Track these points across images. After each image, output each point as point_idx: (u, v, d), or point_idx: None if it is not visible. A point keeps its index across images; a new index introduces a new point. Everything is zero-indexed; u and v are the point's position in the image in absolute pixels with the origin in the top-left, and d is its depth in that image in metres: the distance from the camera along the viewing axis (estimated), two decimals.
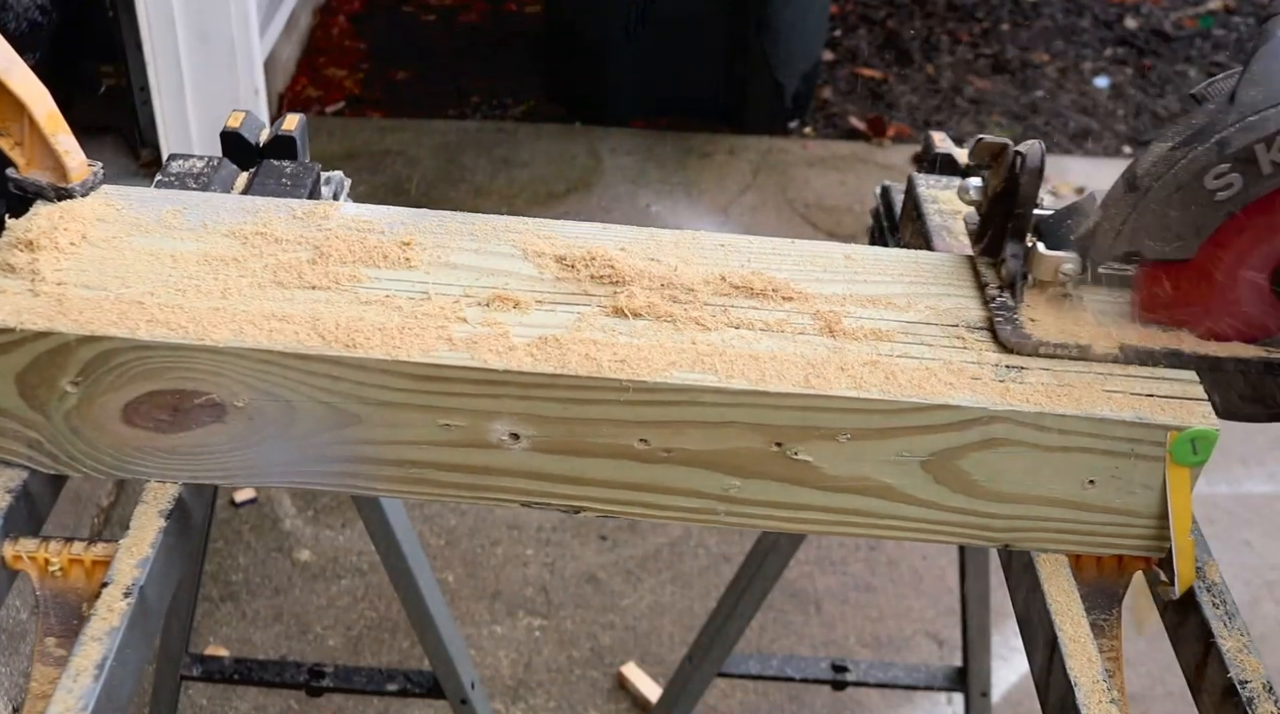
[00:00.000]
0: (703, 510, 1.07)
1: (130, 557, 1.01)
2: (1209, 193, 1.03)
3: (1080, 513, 1.05)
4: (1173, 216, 1.04)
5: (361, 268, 1.09)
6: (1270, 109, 1.00)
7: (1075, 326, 1.09)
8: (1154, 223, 1.05)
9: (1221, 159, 1.01)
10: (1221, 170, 1.01)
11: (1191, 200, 1.03)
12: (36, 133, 1.09)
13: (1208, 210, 1.04)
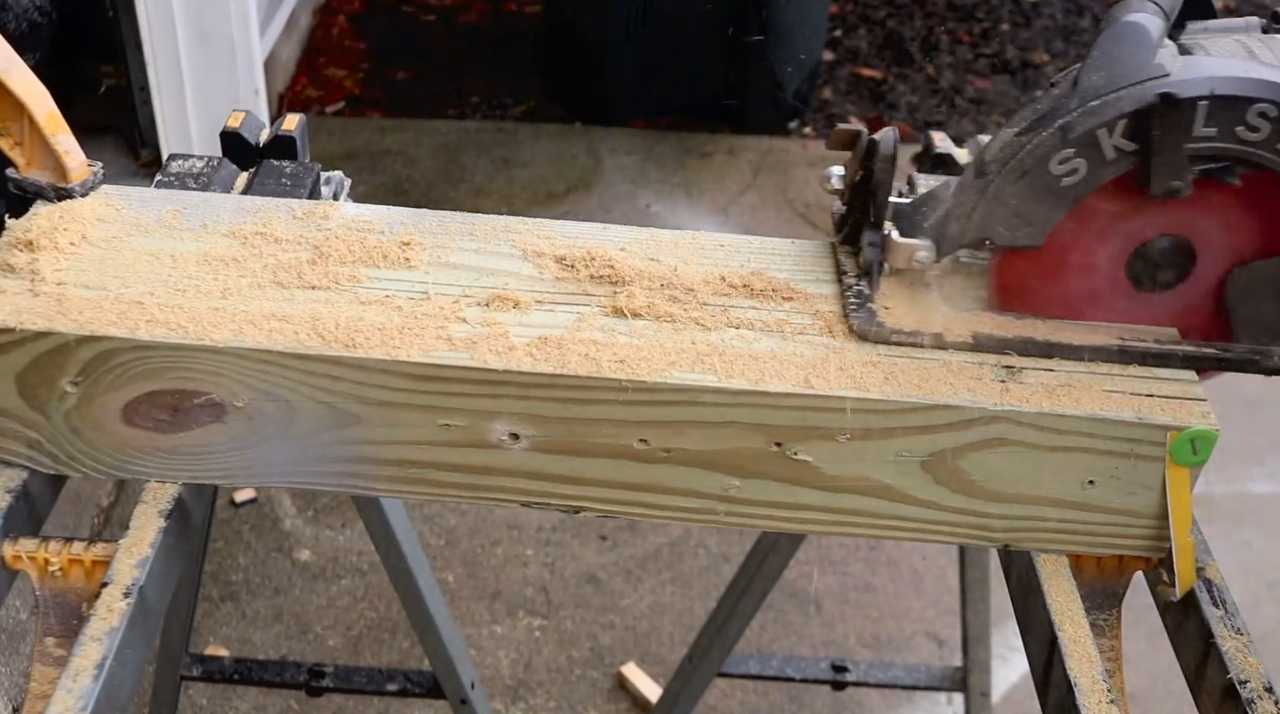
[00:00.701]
0: (702, 510, 1.07)
1: (130, 557, 1.01)
2: (1055, 178, 1.02)
3: (1080, 513, 1.05)
4: (1020, 203, 1.03)
5: (361, 268, 1.09)
6: (1112, 94, 0.99)
7: (928, 315, 1.08)
8: (1002, 210, 1.04)
9: (1065, 144, 1.00)
10: (1066, 156, 1.00)
11: (1038, 187, 1.02)
12: (36, 133, 1.09)
13: (1055, 196, 1.02)
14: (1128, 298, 1.09)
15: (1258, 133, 0.98)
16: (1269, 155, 0.99)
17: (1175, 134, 0.98)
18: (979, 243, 1.06)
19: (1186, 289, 1.09)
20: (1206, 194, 1.03)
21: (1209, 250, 1.06)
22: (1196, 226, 1.05)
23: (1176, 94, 0.97)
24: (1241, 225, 1.05)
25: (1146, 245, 1.07)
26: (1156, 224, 1.05)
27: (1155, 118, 0.98)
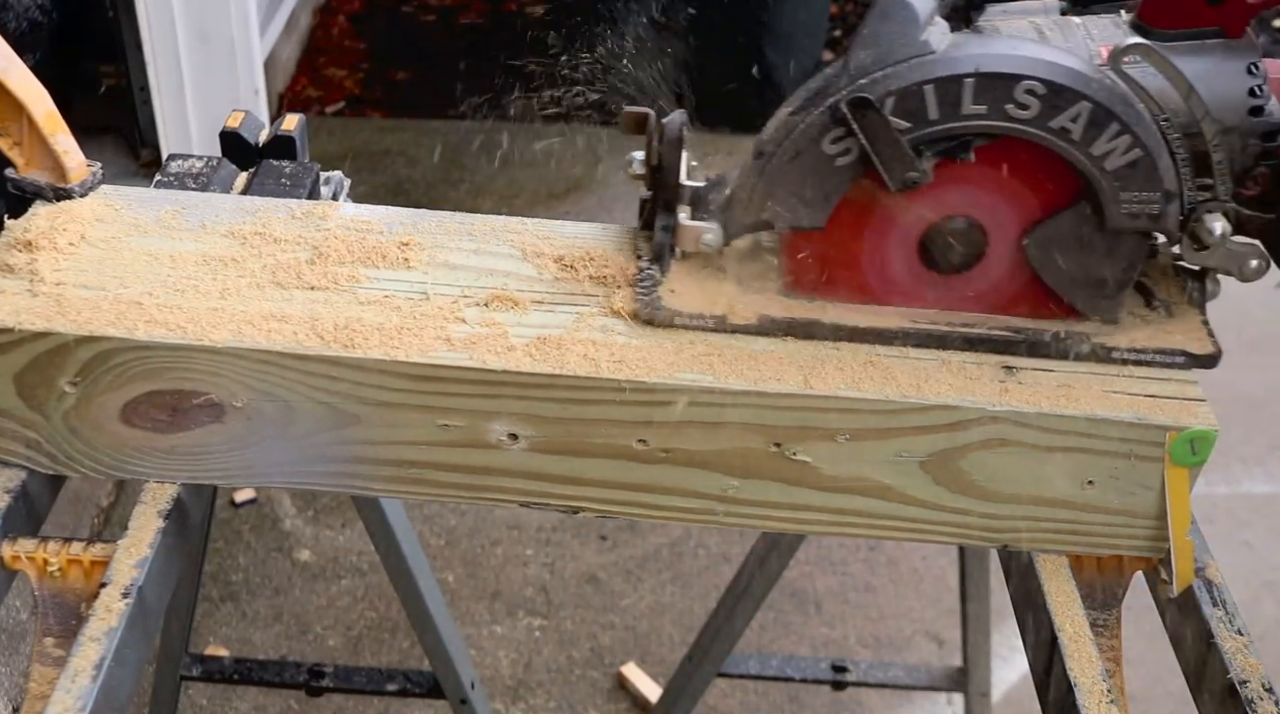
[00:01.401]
0: (701, 511, 1.07)
1: (129, 557, 1.01)
2: (828, 158, 1.00)
3: (1079, 513, 1.05)
4: (797, 184, 1.02)
5: (360, 268, 1.09)
6: (880, 72, 0.98)
7: (714, 298, 1.07)
8: (781, 191, 1.02)
9: (835, 123, 0.99)
10: (837, 135, 0.99)
11: (813, 167, 1.01)
12: (35, 133, 1.09)
13: (831, 176, 1.01)
14: (928, 281, 1.08)
15: (1027, 110, 0.97)
16: (1040, 133, 0.98)
17: (885, 129, 0.97)
18: (762, 225, 1.05)
19: (990, 267, 1.07)
20: (975, 170, 1.02)
21: (996, 225, 1.05)
22: (976, 203, 1.04)
23: (867, 94, 0.96)
24: (1018, 194, 1.03)
25: (936, 226, 1.05)
26: (937, 204, 1.04)
27: (855, 120, 0.97)
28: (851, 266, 1.07)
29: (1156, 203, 1.01)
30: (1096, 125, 0.97)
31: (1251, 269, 1.05)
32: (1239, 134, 1.02)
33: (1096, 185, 1.00)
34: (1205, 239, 1.03)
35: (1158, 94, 0.99)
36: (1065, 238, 1.04)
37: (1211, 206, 1.03)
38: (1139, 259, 1.06)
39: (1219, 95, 1.00)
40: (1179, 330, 1.08)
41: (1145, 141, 0.98)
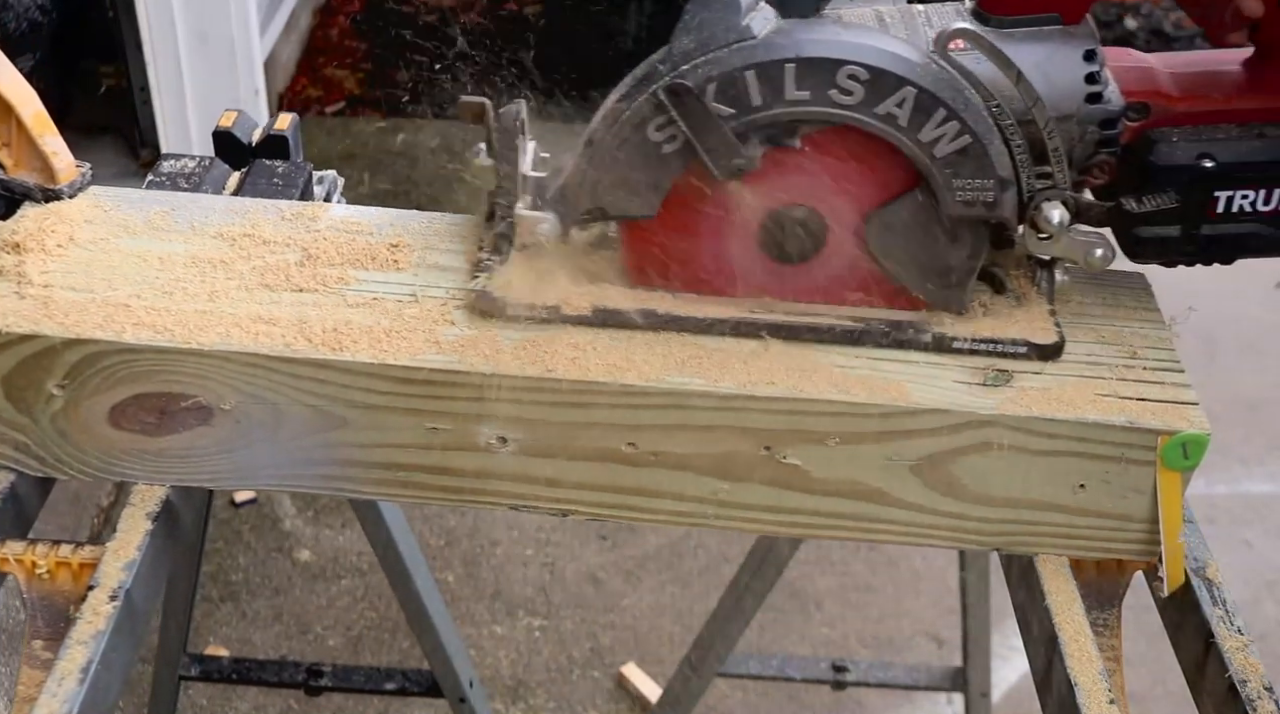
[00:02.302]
0: (692, 514, 1.07)
1: (117, 560, 1.01)
2: (654, 146, 0.99)
3: (1072, 517, 1.05)
4: (626, 173, 1.00)
5: (349, 270, 1.09)
6: (702, 58, 0.96)
7: (549, 289, 1.06)
8: (610, 179, 1.01)
9: (657, 111, 0.98)
10: (661, 122, 0.98)
11: (641, 155, 0.99)
12: (24, 133, 1.09)
13: (659, 165, 1.00)
14: (771, 271, 1.06)
15: (851, 96, 0.96)
16: (866, 119, 0.97)
17: (706, 116, 0.96)
18: (595, 214, 1.03)
19: (832, 256, 1.06)
20: (808, 157, 1.01)
21: (834, 214, 1.04)
22: (812, 191, 1.03)
23: (687, 81, 0.95)
24: (853, 181, 1.02)
25: (773, 215, 1.04)
26: (772, 192, 1.03)
27: (675, 107, 0.96)
28: (690, 256, 1.06)
29: (991, 190, 1.00)
30: (923, 111, 0.96)
31: (1097, 258, 1.05)
32: (1077, 122, 1.01)
33: (928, 172, 0.99)
34: (1044, 228, 1.02)
35: (991, 81, 0.98)
36: (903, 226, 1.03)
37: (1050, 195, 1.02)
38: (982, 248, 1.04)
39: (1055, 82, 1.00)
40: (1025, 320, 1.07)
41: (974, 128, 0.97)
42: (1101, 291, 1.14)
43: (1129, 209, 1.05)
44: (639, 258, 1.06)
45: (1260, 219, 1.05)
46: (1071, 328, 1.09)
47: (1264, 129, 1.04)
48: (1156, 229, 1.05)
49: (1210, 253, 1.08)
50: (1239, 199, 1.04)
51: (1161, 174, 1.03)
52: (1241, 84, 1.06)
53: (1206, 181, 1.03)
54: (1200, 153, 1.03)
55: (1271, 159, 1.04)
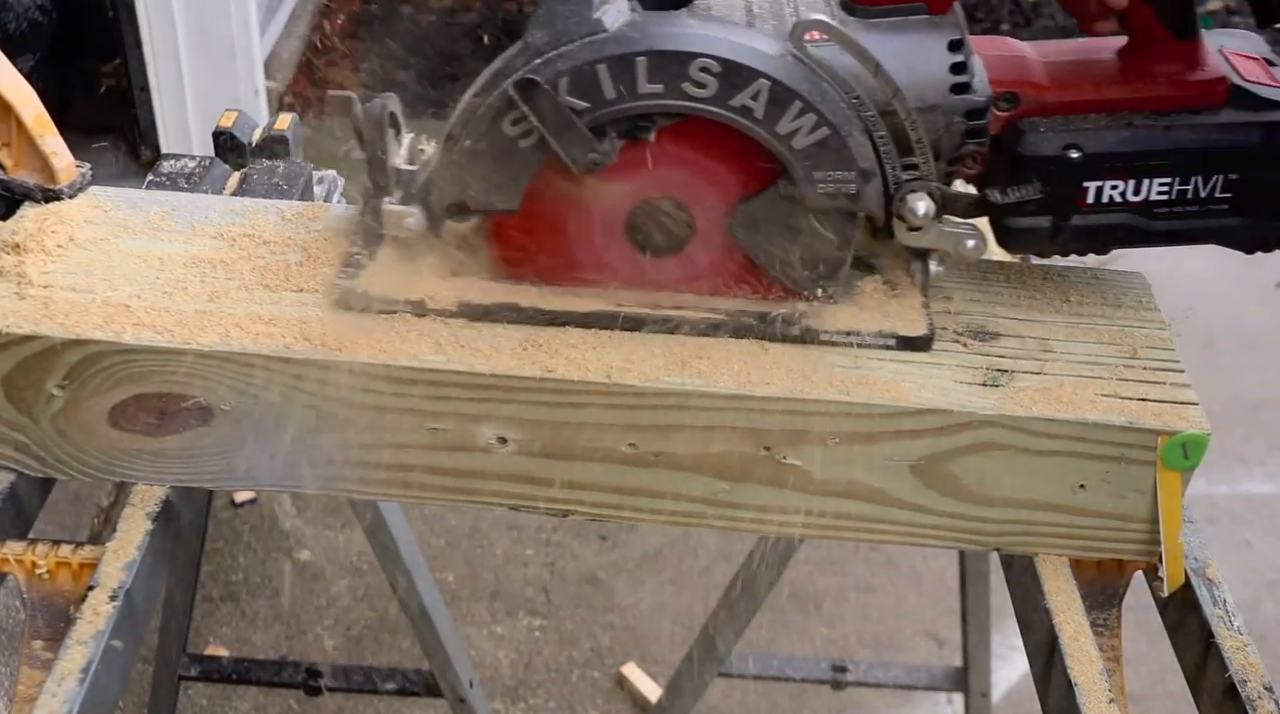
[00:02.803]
0: (691, 514, 1.07)
1: (117, 560, 1.01)
2: (512, 140, 0.99)
3: (1072, 517, 1.05)
4: (485, 167, 1.00)
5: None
6: (554, 52, 0.96)
7: (414, 282, 1.05)
8: (471, 173, 1.01)
9: (511, 105, 0.97)
10: (516, 117, 0.97)
11: (498, 149, 0.99)
12: (24, 134, 1.09)
13: (517, 158, 1.00)
14: (640, 264, 1.06)
15: (705, 89, 0.96)
16: (722, 112, 0.96)
17: (557, 110, 0.96)
18: (459, 208, 1.03)
19: (701, 249, 1.06)
20: (671, 150, 1.01)
21: (701, 206, 1.04)
22: (676, 184, 1.03)
23: (538, 76, 0.95)
24: (716, 174, 1.02)
25: (640, 207, 1.04)
26: (636, 185, 1.03)
27: (525, 102, 0.96)
28: (558, 249, 1.05)
29: (853, 182, 0.99)
30: (778, 104, 0.96)
31: (969, 249, 1.04)
32: (942, 112, 1.01)
33: (789, 165, 0.99)
34: (910, 219, 1.02)
35: (851, 72, 0.98)
36: (769, 218, 1.03)
37: (916, 186, 1.01)
38: (850, 239, 1.04)
39: (919, 73, 0.99)
40: (897, 312, 1.07)
41: (832, 120, 0.97)
42: (1102, 291, 1.14)
43: (994, 200, 1.04)
44: (506, 251, 1.06)
45: (1130, 210, 1.05)
46: (1071, 328, 1.09)
47: (1133, 119, 1.04)
48: (1027, 220, 1.05)
49: (1082, 244, 1.07)
50: (1109, 190, 1.04)
51: (1028, 165, 1.03)
52: (1113, 74, 1.05)
53: (1074, 172, 1.03)
54: (1067, 143, 1.02)
55: (1140, 149, 1.03)
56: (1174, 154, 1.03)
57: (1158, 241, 1.07)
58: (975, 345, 1.07)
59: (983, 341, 1.07)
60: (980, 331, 1.08)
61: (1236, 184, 1.04)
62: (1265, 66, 1.06)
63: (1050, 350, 1.07)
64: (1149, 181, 1.04)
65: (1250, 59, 1.06)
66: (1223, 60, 1.05)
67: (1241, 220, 1.05)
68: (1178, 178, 1.04)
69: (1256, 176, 1.04)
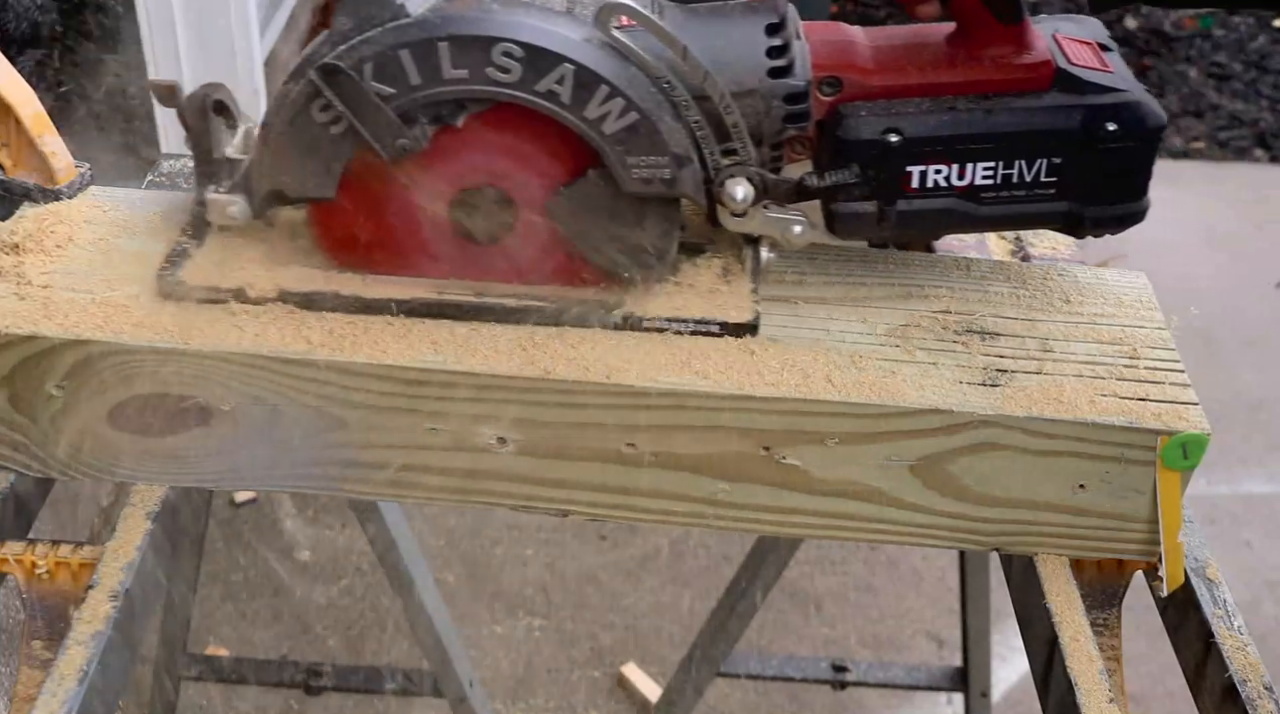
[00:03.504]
0: (691, 514, 1.07)
1: (116, 560, 1.01)
2: (322, 127, 0.98)
3: (1071, 517, 1.05)
4: (298, 154, 1.00)
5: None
6: (359, 38, 0.95)
7: (238, 272, 1.05)
8: (285, 161, 1.00)
9: (319, 91, 0.97)
10: (324, 103, 0.97)
11: (309, 136, 0.99)
12: (23, 134, 1.09)
13: (329, 145, 0.99)
14: (467, 252, 1.06)
15: (510, 74, 0.95)
16: (528, 97, 0.96)
17: (363, 96, 0.96)
18: (277, 196, 1.03)
19: (525, 236, 1.05)
20: (485, 137, 1.00)
21: (521, 193, 1.03)
22: (493, 171, 1.02)
23: (341, 62, 0.95)
24: (533, 160, 1.02)
25: (460, 194, 1.03)
26: (453, 172, 1.02)
27: (330, 88, 0.95)
28: (379, 238, 1.05)
29: (667, 167, 0.99)
30: (584, 88, 0.96)
31: (795, 235, 1.04)
32: (760, 97, 1.00)
33: (601, 150, 0.99)
34: (730, 205, 1.02)
35: (663, 57, 0.97)
36: (589, 204, 1.02)
37: (735, 171, 1.01)
38: (673, 225, 1.04)
39: (735, 57, 0.99)
40: (725, 299, 1.07)
41: (641, 104, 0.97)
42: (1102, 291, 1.14)
43: (810, 184, 1.03)
44: (330, 240, 1.06)
45: (956, 194, 1.04)
46: (1071, 328, 1.09)
47: (956, 103, 1.03)
48: (853, 205, 1.04)
49: (910, 229, 1.07)
50: (933, 174, 1.03)
51: (847, 148, 1.02)
52: (939, 59, 1.05)
53: (895, 156, 1.02)
54: (887, 127, 1.02)
55: (960, 133, 1.02)
56: (996, 138, 1.03)
57: (986, 226, 1.08)
58: (975, 345, 1.06)
59: (983, 341, 1.07)
60: (980, 331, 1.08)
61: (1061, 168, 1.04)
62: (1098, 52, 1.06)
63: (1050, 350, 1.07)
64: (973, 166, 1.03)
65: (1083, 44, 1.06)
66: (1053, 45, 1.05)
67: (1069, 204, 1.05)
68: (1001, 162, 1.03)
69: (1079, 160, 1.04)
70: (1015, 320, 1.10)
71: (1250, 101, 5.13)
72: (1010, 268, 1.17)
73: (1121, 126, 1.02)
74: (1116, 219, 1.07)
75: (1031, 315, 1.10)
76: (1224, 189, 4.59)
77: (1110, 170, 1.04)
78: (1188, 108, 5.07)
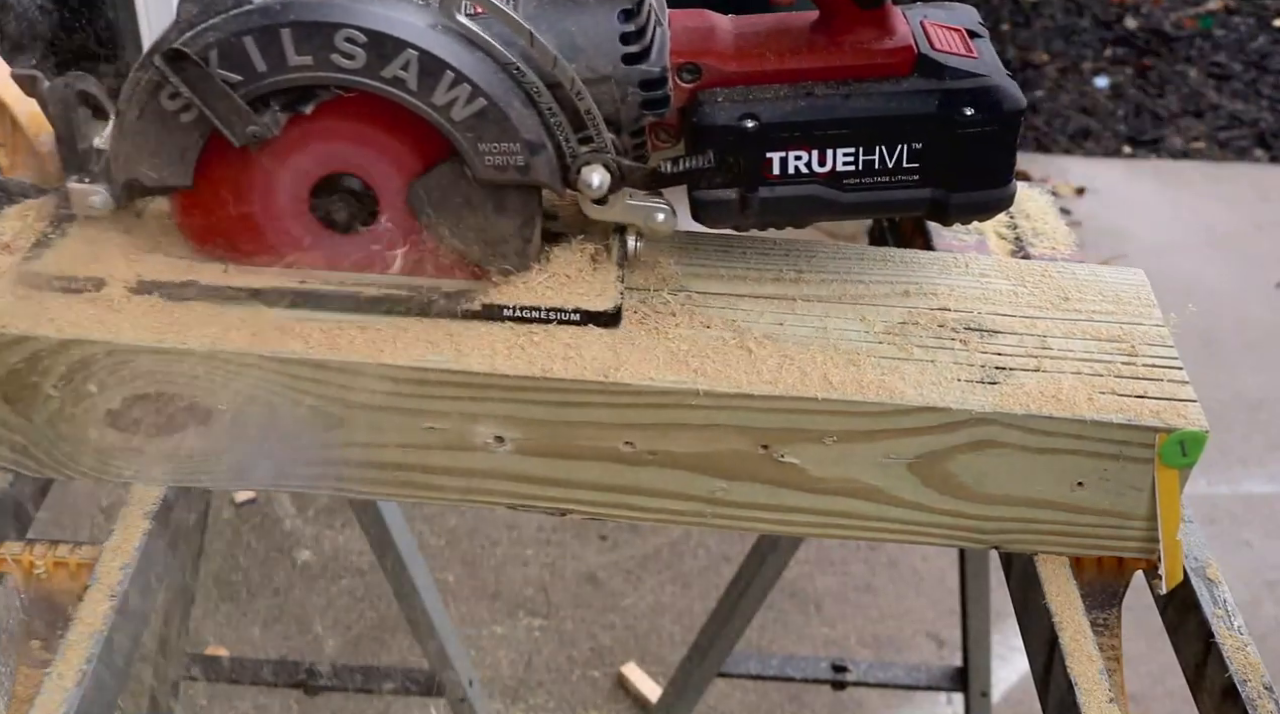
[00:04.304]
0: (690, 513, 1.07)
1: (114, 560, 1.01)
2: (173, 115, 0.98)
3: (1070, 515, 1.05)
4: (151, 142, 0.99)
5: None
6: (203, 24, 0.95)
7: (99, 261, 1.04)
8: (140, 149, 0.99)
9: (166, 79, 0.96)
10: (172, 91, 0.96)
11: (160, 124, 0.98)
12: (20, 133, 1.09)
13: (181, 133, 0.99)
14: (331, 241, 1.06)
15: (354, 60, 0.95)
16: (374, 83, 0.96)
17: (209, 83, 0.95)
18: (135, 185, 1.02)
19: (387, 225, 1.05)
20: (336, 124, 1.00)
21: (380, 181, 1.03)
22: (348, 159, 1.02)
23: (185, 48, 0.94)
24: (388, 148, 1.02)
25: (320, 183, 1.03)
26: (309, 160, 1.02)
27: (174, 74, 0.95)
28: (239, 226, 1.04)
29: (519, 154, 0.99)
30: (429, 74, 0.95)
31: (659, 223, 1.04)
32: (615, 83, 1.00)
33: (452, 137, 0.98)
34: (585, 192, 1.02)
35: (510, 43, 0.97)
36: (445, 193, 1.02)
37: (591, 159, 1.01)
38: (534, 213, 1.04)
39: (589, 43, 0.99)
40: (588, 288, 1.06)
41: (488, 91, 0.96)
42: (1101, 289, 1.14)
43: (663, 171, 1.03)
44: (192, 228, 1.06)
45: (818, 181, 1.04)
46: (1070, 325, 1.09)
47: (814, 88, 1.03)
48: (715, 193, 1.04)
49: (773, 216, 1.06)
50: (793, 160, 1.03)
51: (703, 134, 1.02)
52: (800, 45, 1.04)
53: (752, 142, 1.02)
54: (744, 113, 1.01)
55: (817, 118, 1.02)
56: (853, 123, 1.02)
57: (851, 213, 1.07)
58: (974, 342, 1.06)
59: (981, 339, 1.07)
60: (978, 329, 1.08)
61: (922, 154, 1.03)
62: (965, 38, 1.06)
63: (1048, 348, 1.07)
64: (833, 151, 1.03)
65: (951, 30, 1.06)
66: (918, 31, 1.05)
67: (932, 191, 1.05)
68: (861, 147, 1.03)
69: (940, 146, 1.03)
70: (1013, 318, 1.10)
71: (1250, 101, 5.13)
72: (1008, 265, 1.17)
73: (979, 110, 1.02)
74: (980, 206, 1.06)
75: (1030, 313, 1.10)
76: (1224, 189, 4.59)
77: (971, 156, 1.04)
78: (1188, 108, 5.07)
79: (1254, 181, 4.68)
